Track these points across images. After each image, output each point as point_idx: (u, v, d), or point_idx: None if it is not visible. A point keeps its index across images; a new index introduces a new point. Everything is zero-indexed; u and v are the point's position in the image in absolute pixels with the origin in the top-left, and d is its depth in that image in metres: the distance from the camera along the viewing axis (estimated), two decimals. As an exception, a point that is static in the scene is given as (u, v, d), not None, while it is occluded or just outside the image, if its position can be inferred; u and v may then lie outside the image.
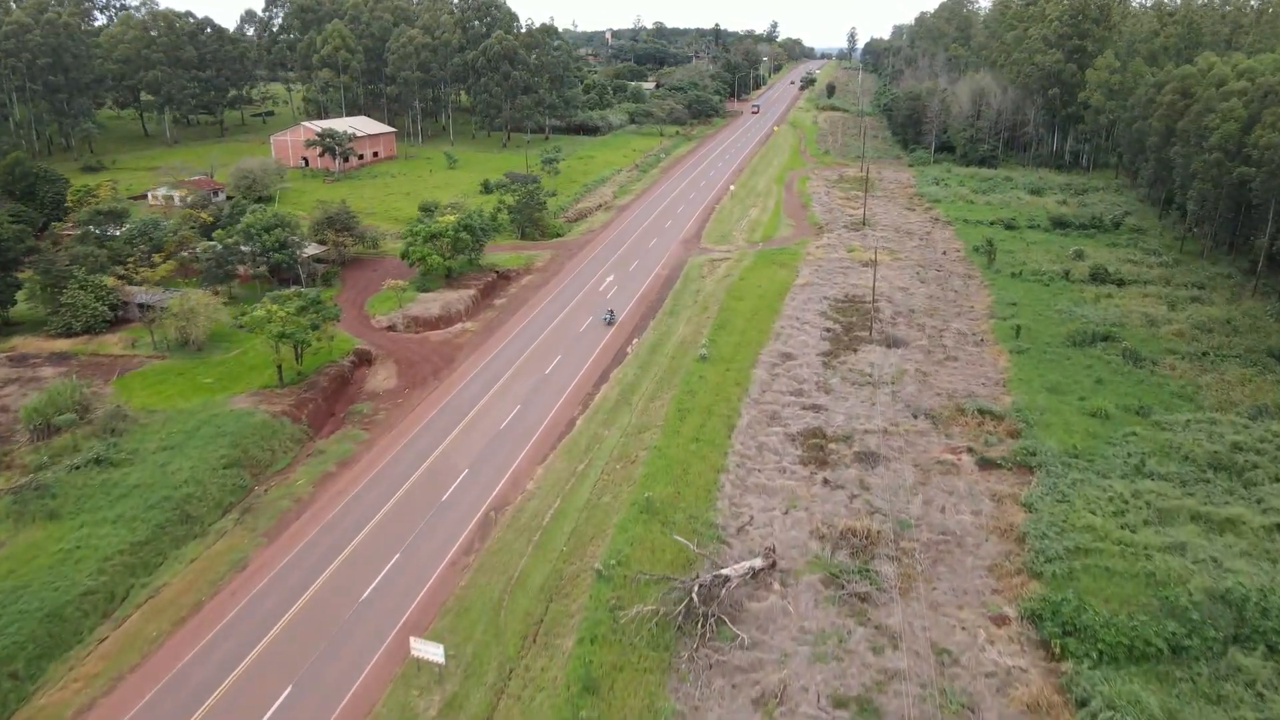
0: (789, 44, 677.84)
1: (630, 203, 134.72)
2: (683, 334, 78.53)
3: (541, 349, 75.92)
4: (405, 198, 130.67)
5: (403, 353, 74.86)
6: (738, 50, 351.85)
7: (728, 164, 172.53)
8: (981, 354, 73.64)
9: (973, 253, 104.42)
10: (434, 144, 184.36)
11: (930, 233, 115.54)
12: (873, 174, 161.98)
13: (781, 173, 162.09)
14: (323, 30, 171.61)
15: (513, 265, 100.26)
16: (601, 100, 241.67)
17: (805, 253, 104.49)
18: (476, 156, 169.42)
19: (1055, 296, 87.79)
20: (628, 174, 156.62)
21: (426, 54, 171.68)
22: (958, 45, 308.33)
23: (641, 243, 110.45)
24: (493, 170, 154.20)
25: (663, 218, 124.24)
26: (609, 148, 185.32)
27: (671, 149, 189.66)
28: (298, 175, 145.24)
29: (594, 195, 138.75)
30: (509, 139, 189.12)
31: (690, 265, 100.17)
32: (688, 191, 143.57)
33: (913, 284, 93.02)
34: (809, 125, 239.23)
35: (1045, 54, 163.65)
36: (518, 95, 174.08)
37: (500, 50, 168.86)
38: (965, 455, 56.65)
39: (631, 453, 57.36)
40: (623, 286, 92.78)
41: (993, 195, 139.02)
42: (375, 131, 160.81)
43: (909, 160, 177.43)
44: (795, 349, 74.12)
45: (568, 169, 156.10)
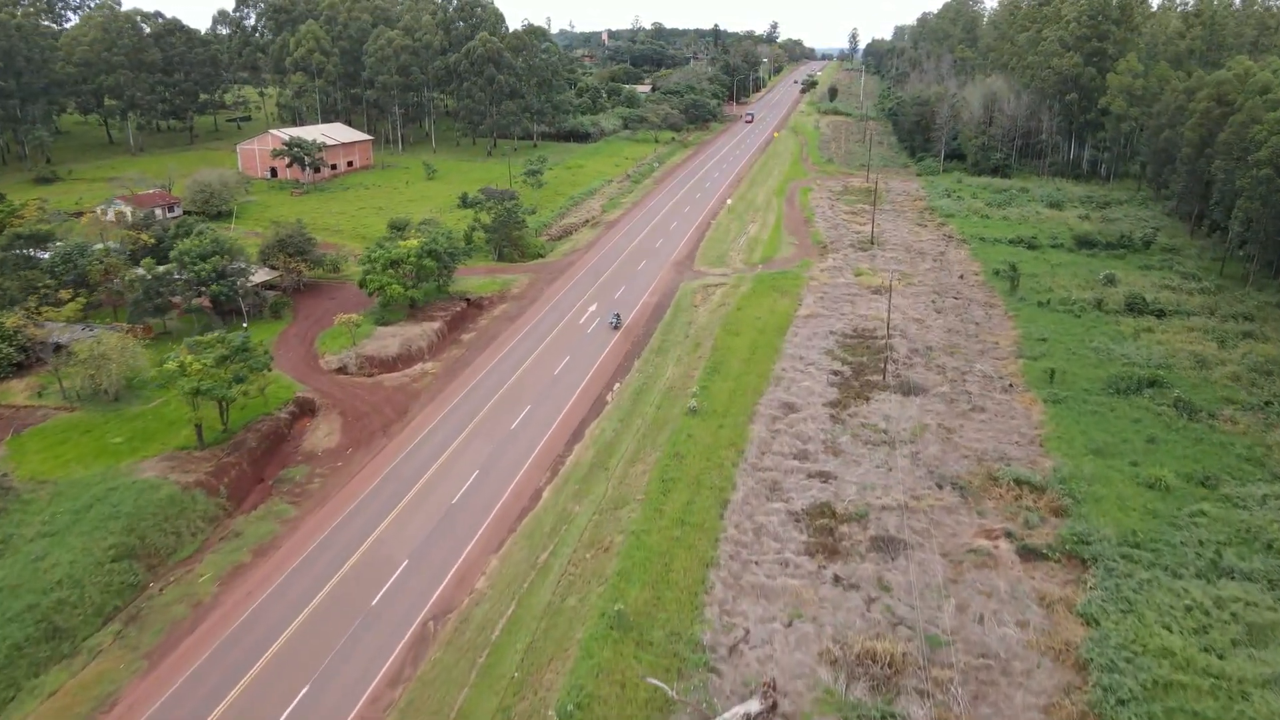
0: (789, 45, 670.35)
1: (619, 218, 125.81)
2: (671, 377, 69.58)
3: (509, 396, 66.95)
4: (377, 213, 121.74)
5: (351, 401, 65.88)
6: (737, 52, 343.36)
7: (725, 173, 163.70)
8: (1011, 403, 64.70)
9: (993, 277, 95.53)
10: (416, 151, 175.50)
11: (944, 253, 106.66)
12: (879, 185, 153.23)
13: (782, 183, 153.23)
14: (296, 32, 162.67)
15: (486, 292, 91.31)
16: (595, 104, 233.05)
17: (808, 277, 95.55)
18: (459, 166, 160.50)
19: (1089, 330, 78.86)
20: (618, 185, 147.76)
21: (406, 57, 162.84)
22: (964, 47, 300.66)
23: (629, 265, 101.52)
24: (474, 181, 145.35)
25: (653, 235, 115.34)
26: (600, 156, 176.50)
27: (666, 157, 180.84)
28: (264, 187, 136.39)
29: (580, 209, 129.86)
30: (495, 146, 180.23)
31: (682, 292, 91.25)
32: (682, 205, 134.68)
33: (928, 314, 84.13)
34: (811, 131, 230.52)
35: (1062, 57, 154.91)
36: (503, 100, 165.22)
37: (484, 53, 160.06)
38: (1003, 541, 47.71)
39: (605, 537, 48.44)
40: (606, 317, 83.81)
41: (1009, 209, 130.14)
42: (350, 139, 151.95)
43: (917, 169, 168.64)
44: (798, 397, 65.17)
45: (554, 180, 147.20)
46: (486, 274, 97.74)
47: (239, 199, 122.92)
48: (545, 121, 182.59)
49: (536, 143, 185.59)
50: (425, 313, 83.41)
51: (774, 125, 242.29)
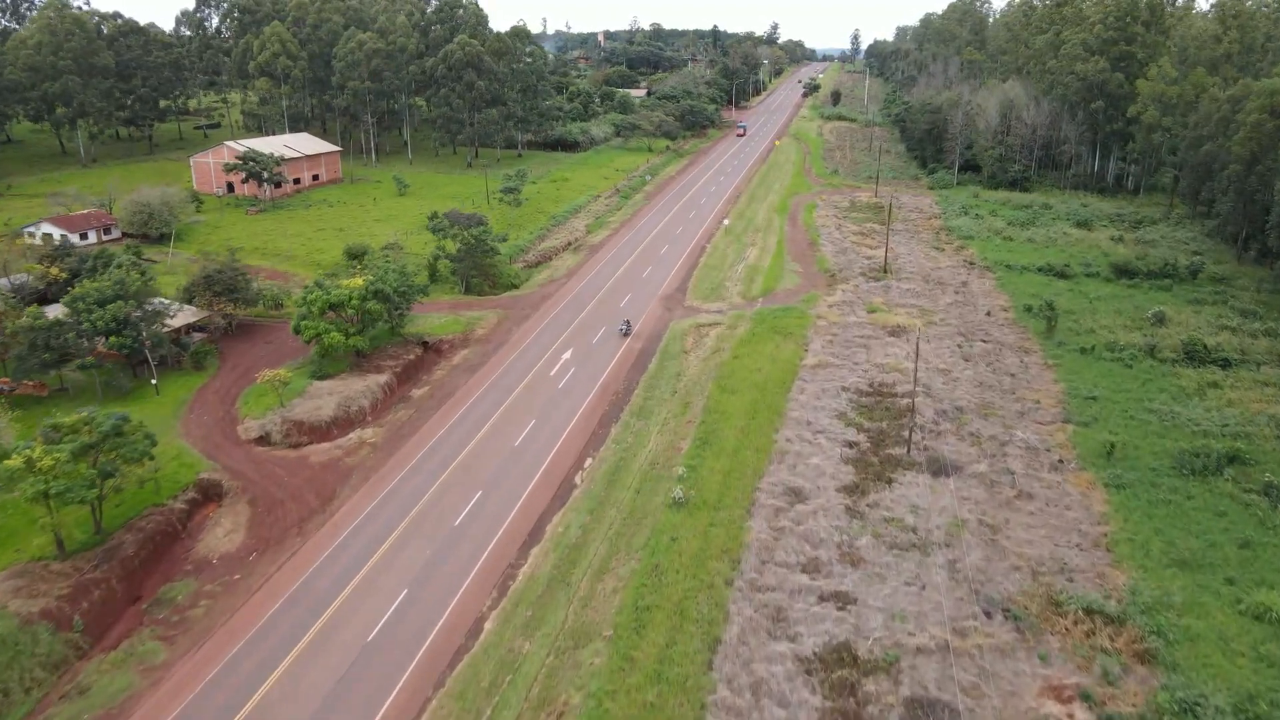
0: (790, 46, 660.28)
1: (605, 240, 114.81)
2: (654, 450, 58.61)
3: (459, 478, 55.93)
4: (337, 235, 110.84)
5: (266, 485, 54.88)
6: (736, 54, 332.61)
7: (723, 187, 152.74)
8: (1064, 486, 53.78)
9: (1024, 314, 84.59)
10: (391, 163, 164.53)
11: (967, 283, 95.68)
12: (889, 199, 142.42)
13: (784, 199, 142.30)
14: (261, 34, 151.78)
15: (447, 333, 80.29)
16: (586, 110, 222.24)
17: (815, 314, 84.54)
18: (435, 179, 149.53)
19: (1145, 386, 67.89)
20: (606, 201, 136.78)
21: (379, 61, 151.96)
22: (973, 49, 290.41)
23: (612, 299, 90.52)
24: (450, 197, 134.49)
25: (641, 262, 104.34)
26: (588, 166, 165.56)
27: (660, 168, 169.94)
28: (219, 205, 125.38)
29: (563, 230, 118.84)
30: (476, 156, 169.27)
31: (671, 334, 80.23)
32: (674, 225, 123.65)
33: (955, 362, 73.20)
34: (813, 138, 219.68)
35: (1086, 62, 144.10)
36: (483, 108, 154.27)
37: (463, 57, 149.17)
38: (1078, 707, 36.73)
39: (558, 695, 37.52)
40: (582, 365, 72.91)
41: (1034, 230, 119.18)
42: (315, 151, 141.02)
43: (929, 182, 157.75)
44: (806, 479, 54.23)
45: (536, 195, 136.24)
46: (450, 310, 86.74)
47: (185, 219, 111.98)
48: (530, 130, 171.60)
49: (521, 152, 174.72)
50: (373, 362, 72.42)
51: (775, 132, 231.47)
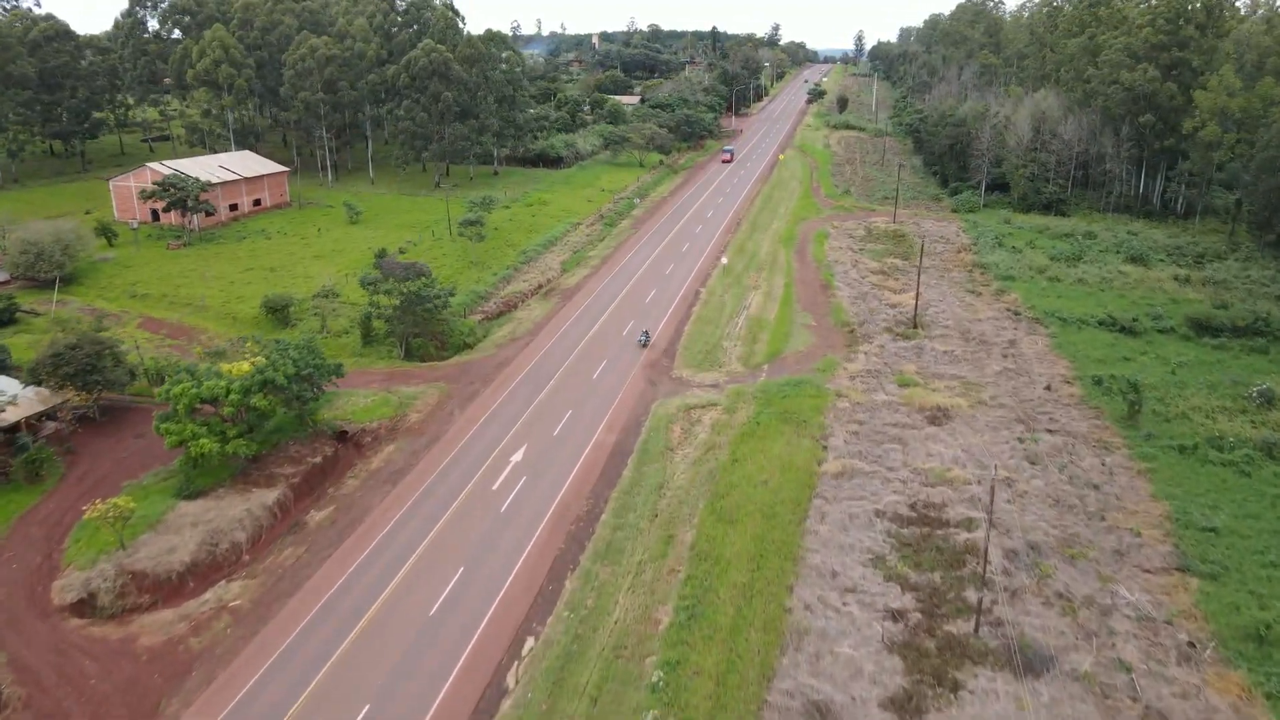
0: (792, 48, 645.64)
1: (582, 283, 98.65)
2: (622, 622, 42.66)
3: (343, 677, 39.71)
4: (267, 277, 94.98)
5: (63, 691, 38.71)
6: (736, 57, 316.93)
7: (721, 210, 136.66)
8: (1206, 696, 37.64)
9: (1094, 389, 68.58)
10: (351, 182, 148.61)
11: (1015, 342, 79.54)
12: (909, 226, 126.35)
13: (790, 226, 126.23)
14: (201, 38, 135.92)
15: (372, 419, 64.16)
16: (574, 119, 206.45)
17: (834, 390, 68.45)
18: (395, 203, 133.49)
19: (1276, 506, 51.80)
20: (587, 230, 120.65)
21: (334, 69, 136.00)
22: (988, 53, 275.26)
23: (584, 367, 74.35)
24: (408, 225, 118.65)
25: (623, 313, 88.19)
26: (571, 186, 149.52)
27: (651, 187, 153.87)
28: (137, 237, 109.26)
29: (534, 269, 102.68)
30: (446, 175, 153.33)
31: (654, 421, 64.09)
32: (663, 261, 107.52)
33: (1018, 465, 57.27)
34: (820, 150, 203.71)
35: (1133, 70, 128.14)
36: (451, 122, 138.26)
37: (428, 65, 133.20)
38: None
39: None
40: (536, 473, 56.88)
41: (1083, 267, 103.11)
42: (257, 172, 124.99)
43: (952, 204, 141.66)
44: (836, 681, 38.45)
45: (508, 223, 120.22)
46: (384, 383, 70.60)
47: (87, 257, 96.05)
48: (506, 145, 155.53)
49: (498, 170, 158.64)
50: (265, 468, 56.31)
51: (779, 144, 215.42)
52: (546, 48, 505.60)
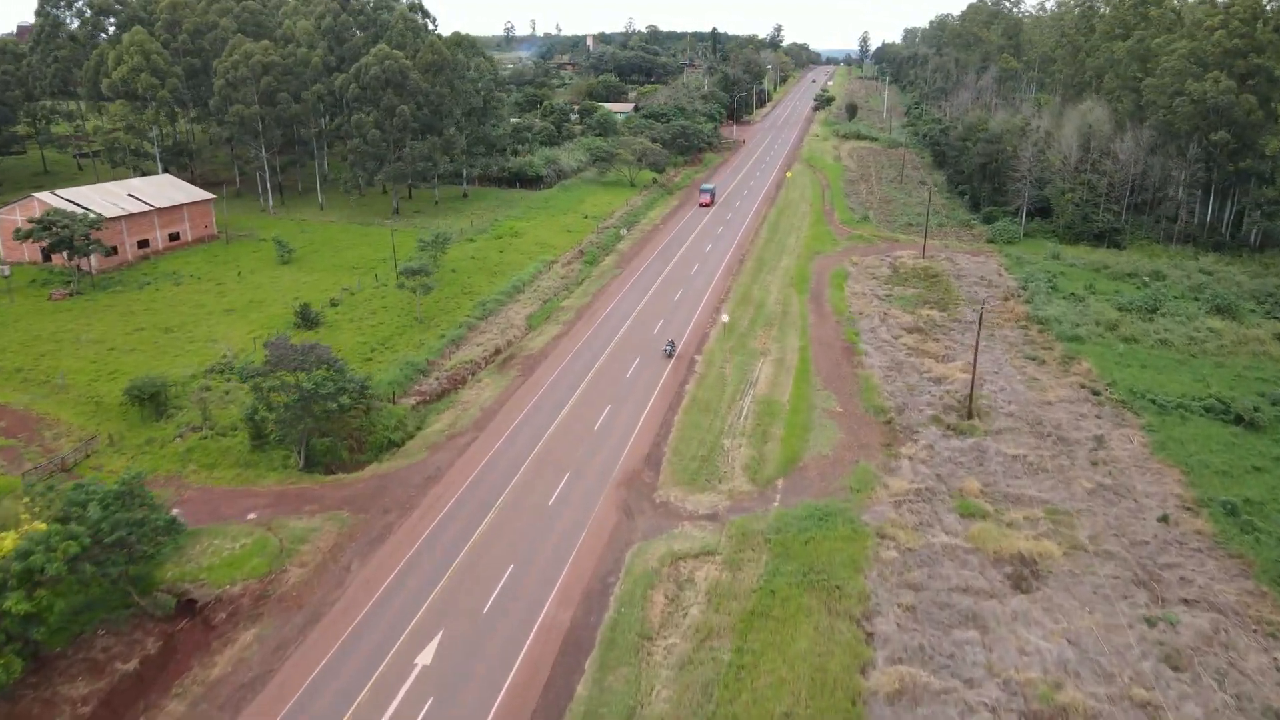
0: (795, 50, 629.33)
1: (550, 346, 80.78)
2: None
3: None
4: (158, 341, 77.56)
5: None
6: (737, 60, 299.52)
7: (721, 243, 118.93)
8: None
9: (1228, 522, 50.93)
10: (298, 208, 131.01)
11: (1104, 440, 61.87)
12: (941, 263, 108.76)
13: (803, 262, 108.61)
14: (119, 42, 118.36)
15: (236, 579, 46.43)
16: (560, 130, 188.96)
17: (874, 526, 50.82)
18: (344, 235, 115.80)
19: None
20: (564, 270, 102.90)
21: (273, 79, 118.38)
22: (1009, 55, 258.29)
23: (539, 483, 56.56)
24: (350, 266, 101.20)
25: (596, 393, 70.37)
26: (550, 211, 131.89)
27: (641, 212, 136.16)
28: (17, 282, 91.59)
29: (493, 326, 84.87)
30: (409, 197, 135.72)
31: (627, 585, 46.31)
32: (651, 316, 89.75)
33: (1155, 669, 39.69)
34: (830, 164, 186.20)
35: (1202, 80, 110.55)
36: (410, 138, 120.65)
37: (381, 74, 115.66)
38: None
39: None
40: (451, 689, 39.20)
41: (1161, 322, 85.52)
42: (174, 201, 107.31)
43: (987, 233, 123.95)
44: None
45: (470, 261, 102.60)
46: (269, 509, 52.94)
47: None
48: (476, 164, 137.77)
49: (467, 191, 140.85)
50: (50, 682, 38.54)
51: (785, 157, 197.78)
52: (537, 50, 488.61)
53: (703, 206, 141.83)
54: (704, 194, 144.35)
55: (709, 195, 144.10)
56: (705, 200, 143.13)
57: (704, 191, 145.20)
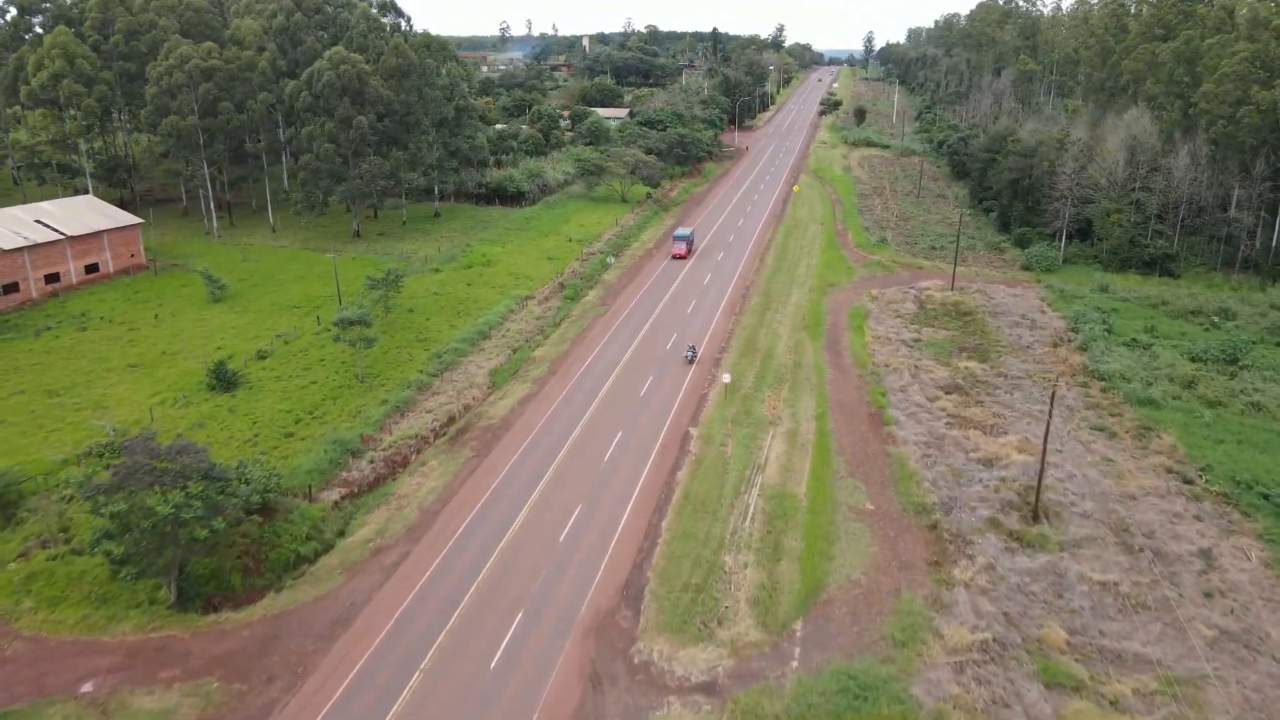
0: (797, 50, 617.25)
1: (515, 412, 67.31)
2: None
3: None
4: (38, 409, 64.37)
5: None
6: (739, 61, 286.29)
7: (721, 272, 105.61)
8: None
9: None
10: (249, 229, 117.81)
11: (1212, 555, 48.40)
12: (974, 295, 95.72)
13: (816, 296, 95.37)
14: (39, 45, 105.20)
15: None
16: (548, 139, 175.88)
17: (932, 707, 37.35)
18: (294, 263, 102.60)
19: None
20: (540, 308, 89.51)
21: (215, 85, 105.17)
22: (1026, 57, 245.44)
23: (480, 637, 43.17)
24: (291, 305, 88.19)
25: (566, 488, 56.92)
26: (530, 232, 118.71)
27: (633, 233, 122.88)
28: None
29: (448, 384, 71.39)
30: (375, 216, 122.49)
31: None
32: (639, 369, 76.36)
33: None
34: (840, 176, 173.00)
35: (1273, 87, 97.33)
36: (368, 153, 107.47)
37: (335, 80, 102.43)
38: None
39: None
40: None
41: (1246, 376, 72.11)
42: (92, 227, 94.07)
43: (1022, 258, 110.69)
44: None
45: (432, 297, 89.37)
46: (116, 671, 39.73)
47: None
48: (448, 179, 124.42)
49: (439, 210, 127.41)
50: None
51: (791, 167, 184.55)
52: (530, 50, 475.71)
53: (676, 259, 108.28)
54: (678, 243, 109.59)
55: (684, 245, 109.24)
56: (680, 251, 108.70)
57: (679, 240, 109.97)
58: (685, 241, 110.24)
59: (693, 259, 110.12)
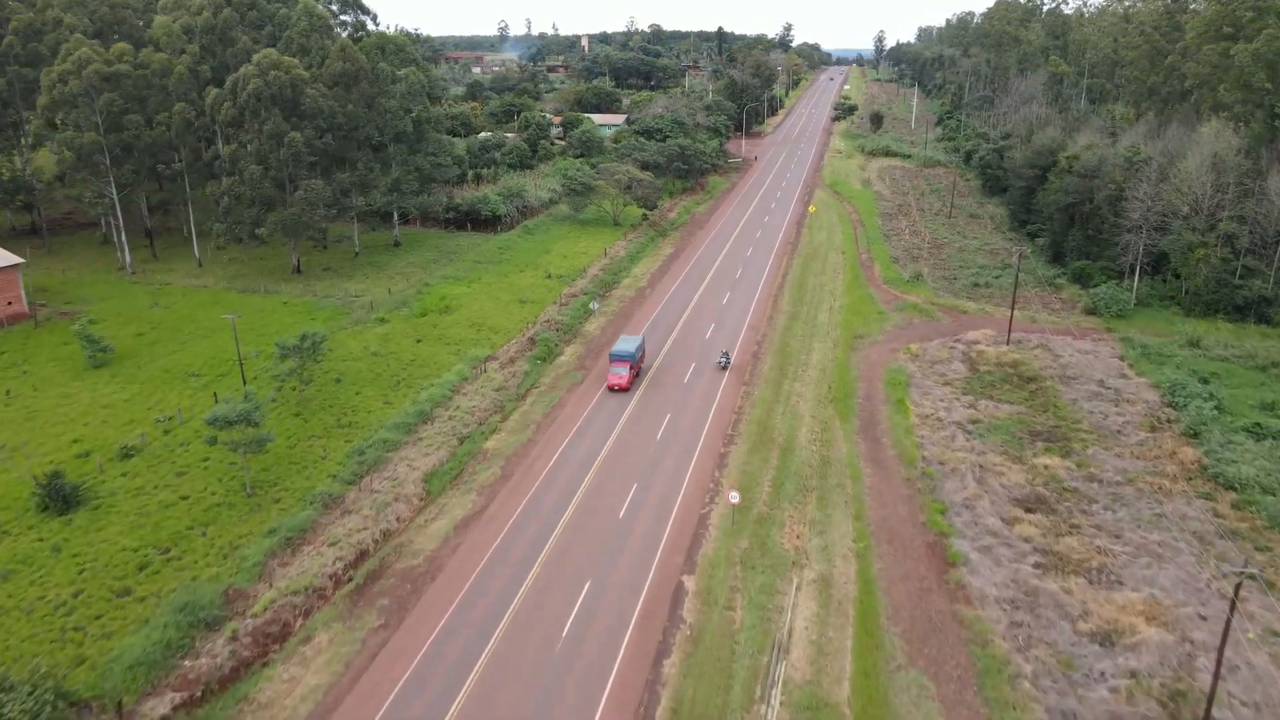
0: (806, 50, 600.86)
1: (449, 545, 50.34)
2: None
3: None
4: None
5: None
6: (746, 63, 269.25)
7: (729, 319, 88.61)
8: None
9: None
10: (172, 264, 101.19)
11: None
12: (1036, 352, 78.71)
13: (842, 353, 78.30)
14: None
15: None
16: (534, 150, 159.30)
17: None
18: (213, 308, 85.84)
19: None
20: (501, 375, 72.39)
21: (121, 95, 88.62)
22: (1057, 58, 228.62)
23: None
24: (203, 365, 71.21)
25: (508, 687, 39.96)
26: (504, 266, 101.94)
27: (624, 267, 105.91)
28: None
29: (364, 497, 54.31)
30: (324, 246, 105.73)
31: None
32: (619, 477, 59.36)
33: None
34: (859, 191, 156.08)
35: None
36: (306, 175, 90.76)
37: (265, 88, 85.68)
38: None
39: None
40: None
41: None
42: (-42, 271, 77.25)
43: (1085, 299, 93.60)
44: None
45: (370, 359, 72.51)
46: None
47: None
48: (408, 203, 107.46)
49: (399, 239, 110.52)
50: None
51: (804, 181, 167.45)
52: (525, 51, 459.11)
53: (614, 390, 68.78)
54: (618, 365, 69.05)
55: (627, 367, 68.73)
56: (619, 381, 68.41)
57: (619, 360, 69.26)
58: (628, 362, 68.38)
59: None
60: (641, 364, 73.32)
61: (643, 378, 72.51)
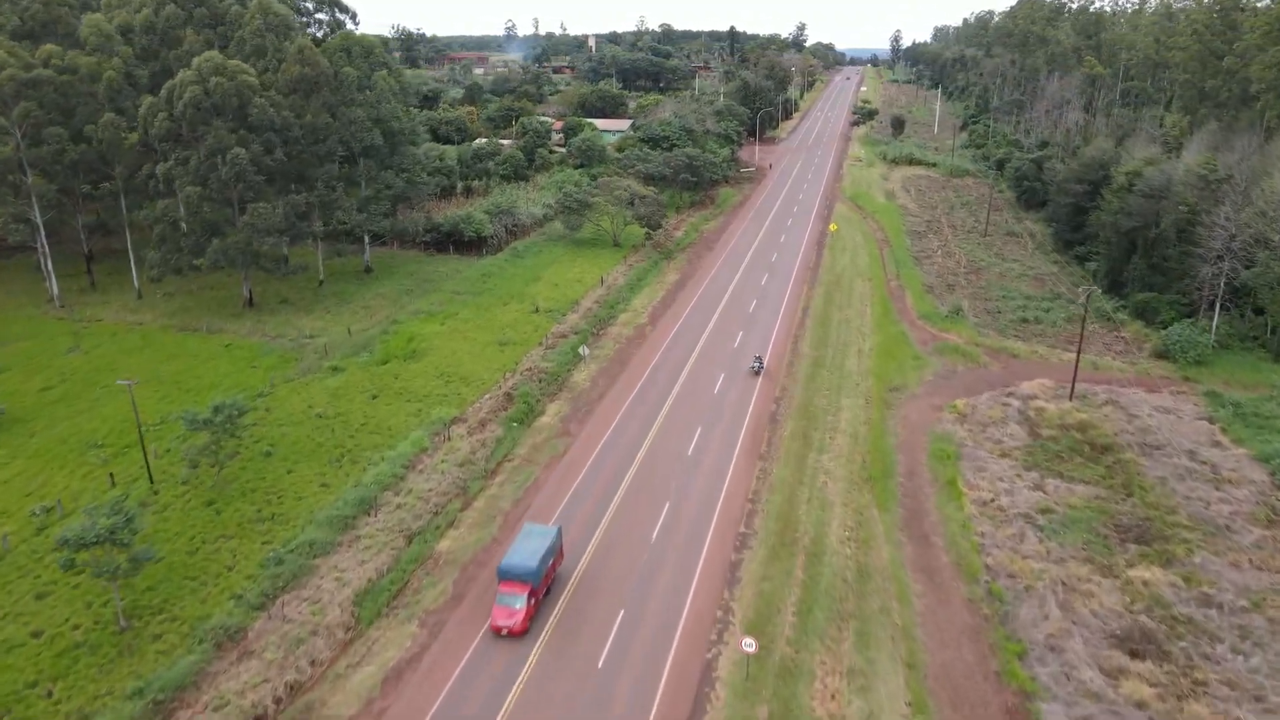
0: (820, 50, 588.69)
1: (372, 709, 38.31)
2: None
3: None
4: None
5: None
6: (758, 64, 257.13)
7: (736, 372, 76.43)
8: None
9: None
10: (110, 297, 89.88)
11: None
12: (1103, 408, 66.42)
13: (876, 416, 66.12)
14: None
15: None
16: (531, 159, 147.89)
17: None
18: (141, 351, 74.41)
19: None
20: (468, 444, 60.42)
21: (41, 105, 77.26)
22: (1092, 59, 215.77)
23: None
24: (104, 435, 59.56)
25: None
26: (485, 298, 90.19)
27: (622, 298, 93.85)
28: None
29: (273, 627, 42.63)
30: (284, 276, 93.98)
31: None
32: (602, 599, 47.37)
33: None
34: (884, 205, 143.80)
35: None
36: (255, 196, 79.19)
37: (205, 96, 74.20)
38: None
39: None
40: None
41: None
42: None
43: (1156, 340, 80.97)
44: None
45: (316, 421, 61.00)
46: None
47: None
48: (379, 224, 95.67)
49: (371, 264, 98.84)
50: None
51: (822, 194, 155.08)
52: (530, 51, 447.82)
53: (501, 632, 41.38)
54: (506, 590, 41.89)
55: (518, 602, 41.51)
56: (507, 622, 41.15)
57: (510, 579, 41.97)
58: (526, 585, 41.85)
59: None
60: (551, 577, 44.42)
61: (626, 458, 60.48)
